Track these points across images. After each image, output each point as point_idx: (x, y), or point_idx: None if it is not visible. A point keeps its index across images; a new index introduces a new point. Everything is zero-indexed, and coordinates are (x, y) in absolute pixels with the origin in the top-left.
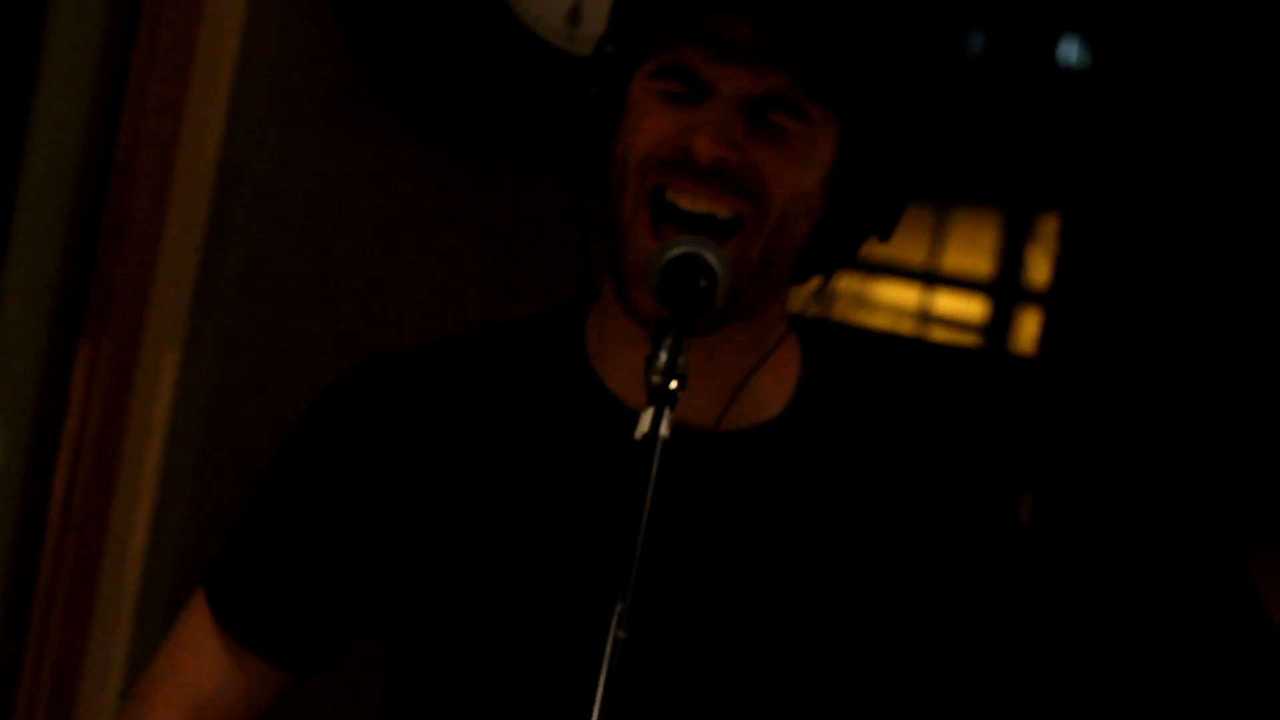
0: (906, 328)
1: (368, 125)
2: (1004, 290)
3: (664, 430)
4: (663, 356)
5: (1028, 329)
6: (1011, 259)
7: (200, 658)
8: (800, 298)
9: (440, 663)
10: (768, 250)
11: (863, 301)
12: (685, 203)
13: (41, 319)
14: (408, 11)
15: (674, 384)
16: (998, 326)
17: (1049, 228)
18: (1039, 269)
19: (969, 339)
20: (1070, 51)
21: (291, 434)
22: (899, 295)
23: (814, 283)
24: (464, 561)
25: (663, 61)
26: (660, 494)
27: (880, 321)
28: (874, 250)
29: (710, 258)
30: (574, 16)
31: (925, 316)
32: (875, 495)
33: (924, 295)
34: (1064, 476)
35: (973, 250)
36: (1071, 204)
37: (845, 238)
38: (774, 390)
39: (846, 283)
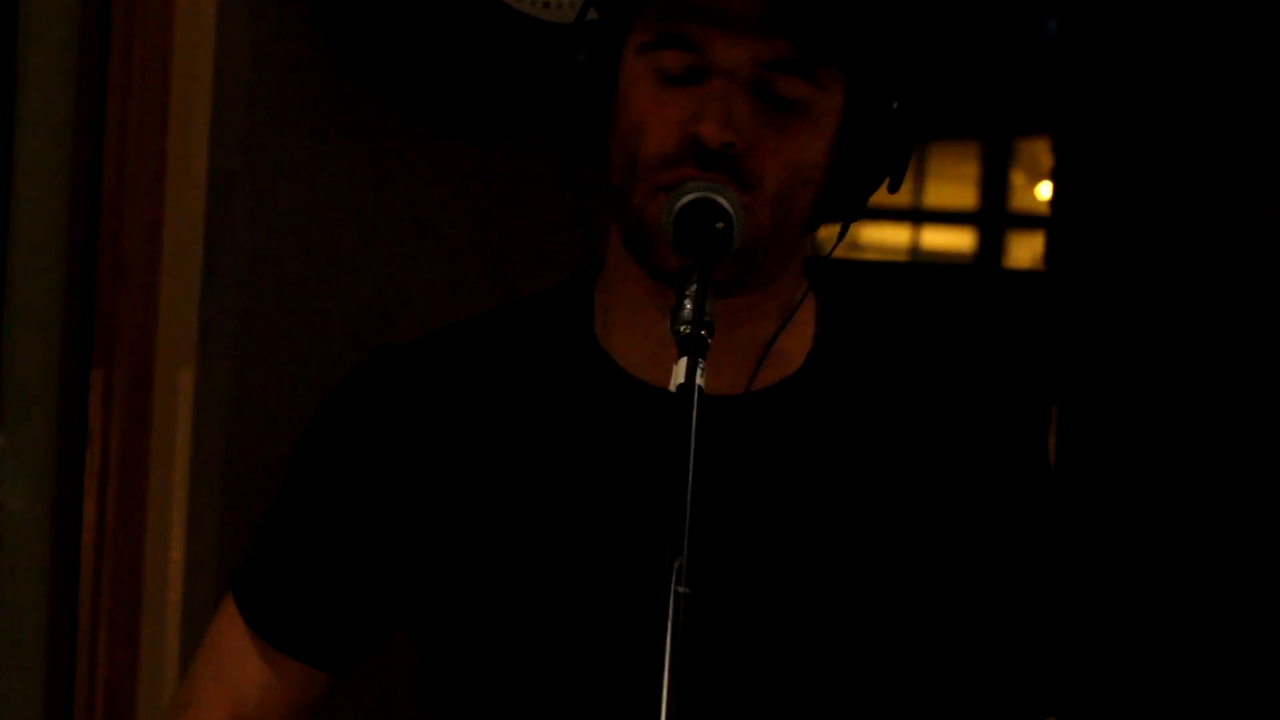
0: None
1: (352, 119)
2: (989, 219)
3: (699, 379)
4: (687, 306)
5: (1017, 255)
6: (993, 187)
7: (239, 664)
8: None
9: (484, 644)
10: (774, 222)
11: (853, 245)
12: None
13: (50, 354)
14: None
15: (704, 332)
16: (988, 255)
17: (1029, 152)
18: (1023, 194)
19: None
20: None
21: (306, 433)
22: (888, 235)
23: (828, 231)
24: (495, 541)
25: (656, 33)
26: (695, 454)
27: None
28: None
29: (722, 200)
30: None
31: (915, 253)
32: (905, 430)
33: (912, 233)
34: (1087, 389)
35: (954, 183)
36: (1062, 126)
37: (857, 189)
38: (794, 344)
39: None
